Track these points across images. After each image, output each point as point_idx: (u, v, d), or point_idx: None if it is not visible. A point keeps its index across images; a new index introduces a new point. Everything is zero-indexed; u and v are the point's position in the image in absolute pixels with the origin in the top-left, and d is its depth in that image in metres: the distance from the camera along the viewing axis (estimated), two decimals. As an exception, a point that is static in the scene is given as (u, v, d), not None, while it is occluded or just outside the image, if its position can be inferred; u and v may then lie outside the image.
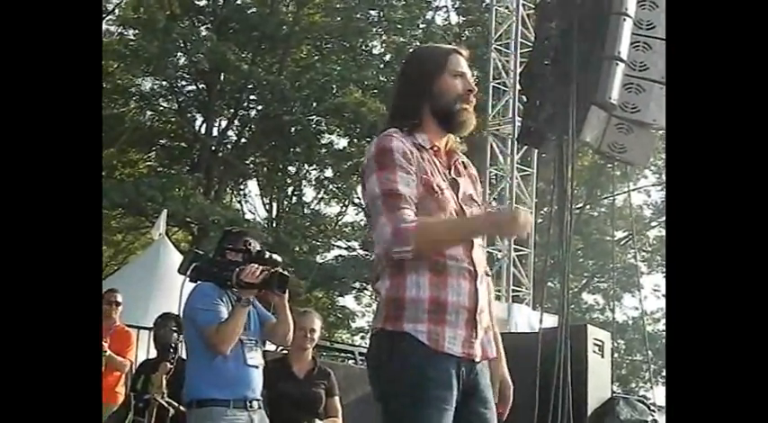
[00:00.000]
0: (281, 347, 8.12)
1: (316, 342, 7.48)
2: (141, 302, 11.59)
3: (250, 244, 5.85)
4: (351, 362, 14.09)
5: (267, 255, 5.84)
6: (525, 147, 17.21)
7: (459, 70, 3.81)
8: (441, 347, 3.55)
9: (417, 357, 3.53)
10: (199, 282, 5.89)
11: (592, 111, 7.40)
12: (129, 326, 9.32)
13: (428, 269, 3.58)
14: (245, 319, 5.79)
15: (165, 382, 7.23)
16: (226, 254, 5.85)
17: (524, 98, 9.79)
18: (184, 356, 6.28)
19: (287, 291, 5.84)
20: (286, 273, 5.81)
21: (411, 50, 4.43)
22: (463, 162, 3.90)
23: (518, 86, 15.68)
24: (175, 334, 7.30)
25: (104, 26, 26.42)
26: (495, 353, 3.80)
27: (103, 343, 8.30)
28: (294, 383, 7.20)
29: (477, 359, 3.66)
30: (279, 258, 5.89)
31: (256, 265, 5.72)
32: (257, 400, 5.85)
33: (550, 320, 8.90)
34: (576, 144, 7.48)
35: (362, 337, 28.90)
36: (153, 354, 8.25)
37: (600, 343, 9.37)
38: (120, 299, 8.96)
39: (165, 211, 16.73)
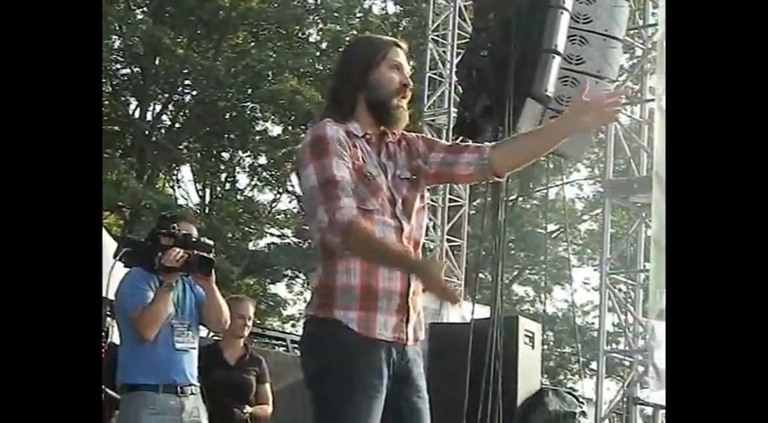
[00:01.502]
0: (212, 334, 8.08)
1: (250, 329, 7.46)
2: (71, 286, 11.48)
3: (175, 228, 5.79)
4: (282, 349, 14.05)
5: (195, 239, 5.81)
6: (460, 138, 17.24)
7: (397, 61, 3.79)
8: (372, 334, 3.56)
9: (348, 344, 3.54)
10: (130, 267, 5.85)
11: (528, 103, 7.46)
12: (58, 310, 9.22)
13: None
14: (174, 303, 5.76)
15: (94, 366, 7.17)
16: (159, 238, 5.81)
17: (460, 89, 9.83)
18: (117, 341, 6.24)
19: (212, 274, 5.81)
20: (208, 256, 5.78)
21: (350, 40, 4.42)
22: (398, 140, 3.84)
23: (454, 77, 15.69)
24: (108, 318, 7.24)
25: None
26: (423, 335, 3.81)
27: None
28: (225, 370, 7.16)
29: (409, 343, 3.67)
30: (210, 243, 5.87)
31: (177, 249, 5.68)
32: (192, 385, 5.81)
33: (482, 311, 8.94)
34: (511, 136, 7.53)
35: (293, 325, 28.76)
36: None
37: (530, 334, 9.46)
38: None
39: (97, 194, 16.59)
